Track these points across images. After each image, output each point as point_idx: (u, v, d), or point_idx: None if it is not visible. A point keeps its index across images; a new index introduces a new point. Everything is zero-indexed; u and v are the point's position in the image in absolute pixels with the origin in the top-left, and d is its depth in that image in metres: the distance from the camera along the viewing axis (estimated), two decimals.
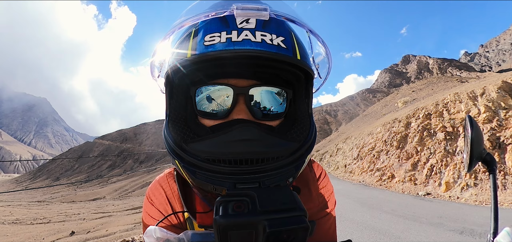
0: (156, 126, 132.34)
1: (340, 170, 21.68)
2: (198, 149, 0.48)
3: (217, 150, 0.47)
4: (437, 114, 14.10)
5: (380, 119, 31.67)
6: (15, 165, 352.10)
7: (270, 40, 0.47)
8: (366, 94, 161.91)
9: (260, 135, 0.48)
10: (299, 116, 0.57)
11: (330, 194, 0.74)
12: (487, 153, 0.67)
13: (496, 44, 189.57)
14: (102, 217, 15.60)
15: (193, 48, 0.48)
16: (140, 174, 58.62)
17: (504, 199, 8.41)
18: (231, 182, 0.46)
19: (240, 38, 0.46)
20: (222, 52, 0.45)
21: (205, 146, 0.48)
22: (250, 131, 0.47)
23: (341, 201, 9.18)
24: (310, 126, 0.56)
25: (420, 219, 6.54)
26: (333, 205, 0.74)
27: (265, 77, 0.54)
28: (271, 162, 0.48)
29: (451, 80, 57.85)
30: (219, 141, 0.47)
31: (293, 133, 0.54)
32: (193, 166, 0.49)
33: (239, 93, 0.52)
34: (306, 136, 0.55)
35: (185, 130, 0.52)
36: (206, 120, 0.53)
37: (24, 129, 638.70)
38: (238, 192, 0.42)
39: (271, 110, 0.54)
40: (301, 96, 0.58)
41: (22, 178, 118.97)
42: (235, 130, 0.47)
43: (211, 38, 0.47)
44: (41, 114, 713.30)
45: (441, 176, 11.30)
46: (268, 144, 0.48)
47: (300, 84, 0.57)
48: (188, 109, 0.55)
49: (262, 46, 0.46)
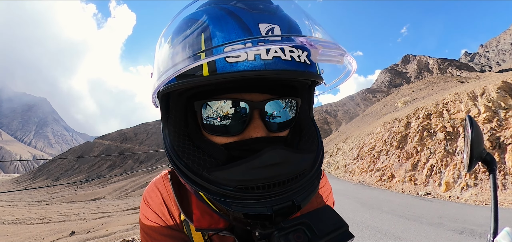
0: (156, 126, 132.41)
1: (340, 170, 21.69)
2: (227, 178, 0.45)
3: (251, 177, 0.44)
4: (437, 114, 14.10)
5: (380, 119, 31.68)
6: (15, 165, 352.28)
7: (297, 57, 0.44)
8: (366, 94, 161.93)
9: (287, 155, 0.46)
10: (304, 123, 0.57)
11: (329, 194, 0.75)
12: (487, 153, 0.67)
13: (496, 44, 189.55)
14: (102, 217, 15.60)
15: (211, 65, 0.41)
16: (140, 174, 58.64)
17: (504, 199, 8.41)
18: (268, 206, 0.44)
19: (270, 56, 0.41)
20: (251, 73, 0.40)
21: (235, 175, 0.45)
22: (279, 154, 0.45)
23: (341, 201, 9.18)
24: (316, 132, 0.57)
25: (420, 219, 6.54)
26: (332, 204, 0.75)
27: (279, 89, 0.52)
28: (299, 179, 0.48)
29: (451, 80, 57.87)
30: (252, 167, 0.44)
31: (306, 142, 0.55)
32: (225, 197, 0.45)
33: (255, 107, 0.49)
34: (317, 144, 0.55)
35: (199, 154, 0.48)
36: (216, 137, 0.50)
37: (24, 129, 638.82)
38: (293, 223, 0.43)
39: (284, 123, 0.53)
40: (304, 102, 0.58)
41: (22, 178, 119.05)
42: (266, 155, 0.44)
43: (234, 51, 0.39)
44: (41, 114, 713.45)
45: (441, 176, 11.31)
46: (296, 162, 0.47)
47: (305, 91, 0.57)
48: (189, 124, 0.51)
49: (292, 66, 0.43)
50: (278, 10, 0.48)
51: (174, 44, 0.46)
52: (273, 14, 0.46)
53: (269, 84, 0.51)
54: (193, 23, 0.45)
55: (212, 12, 0.45)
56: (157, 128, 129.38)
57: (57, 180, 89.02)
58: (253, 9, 0.45)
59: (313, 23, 0.51)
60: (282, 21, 0.46)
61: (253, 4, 0.46)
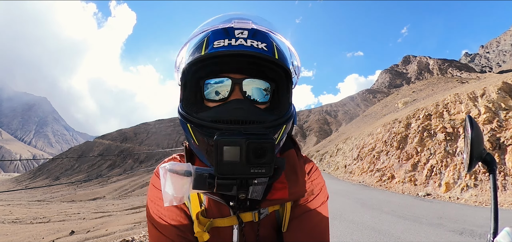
0: (156, 125, 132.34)
1: (340, 171, 21.68)
2: (205, 116, 0.67)
3: (219, 115, 0.66)
4: (437, 114, 14.10)
5: (380, 120, 31.67)
6: (15, 164, 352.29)
7: (256, 45, 0.68)
8: (366, 95, 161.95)
9: (249, 106, 0.67)
10: (281, 102, 0.74)
11: (322, 187, 0.81)
12: (487, 153, 0.67)
13: (496, 44, 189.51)
14: (102, 217, 15.59)
15: (205, 49, 0.68)
16: (140, 174, 58.62)
17: (504, 199, 8.41)
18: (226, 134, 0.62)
19: (237, 43, 0.67)
20: (224, 51, 0.66)
21: (210, 114, 0.67)
22: (242, 103, 0.67)
23: (341, 201, 9.17)
24: (288, 109, 0.74)
25: (420, 220, 6.55)
26: (325, 198, 0.82)
27: (254, 73, 0.71)
28: (256, 125, 0.66)
29: (452, 80, 57.83)
30: (221, 108, 0.67)
31: (276, 111, 0.72)
32: (200, 127, 0.66)
33: (236, 83, 0.70)
34: (285, 113, 0.72)
35: (195, 106, 0.71)
36: (210, 103, 0.71)
37: (24, 129, 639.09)
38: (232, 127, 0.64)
39: (258, 100, 0.71)
40: (283, 91, 0.75)
41: (22, 177, 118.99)
42: (232, 102, 0.68)
43: (218, 43, 0.67)
44: (41, 113, 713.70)
45: (441, 177, 11.30)
46: (255, 111, 0.68)
47: (282, 81, 0.75)
48: (197, 96, 0.73)
49: (251, 48, 0.67)
50: (252, 22, 0.72)
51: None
52: (247, 24, 0.70)
53: (248, 68, 0.71)
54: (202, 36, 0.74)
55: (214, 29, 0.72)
56: (157, 128, 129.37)
57: (57, 180, 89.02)
58: (236, 24, 0.71)
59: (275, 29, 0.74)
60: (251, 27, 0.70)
61: (238, 22, 0.71)
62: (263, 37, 0.70)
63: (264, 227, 0.74)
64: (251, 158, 0.55)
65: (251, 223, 0.73)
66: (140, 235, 7.48)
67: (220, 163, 0.55)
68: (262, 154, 0.55)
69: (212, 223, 0.71)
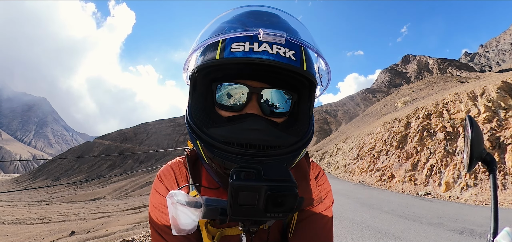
0: (156, 126, 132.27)
1: (340, 170, 21.69)
2: (216, 134, 0.60)
3: (232, 135, 0.58)
4: (437, 114, 14.10)
5: (380, 119, 31.67)
6: (15, 165, 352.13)
7: (283, 53, 0.57)
8: (366, 94, 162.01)
9: (266, 127, 0.59)
10: (301, 116, 0.67)
11: (328, 192, 0.80)
12: (487, 153, 0.67)
13: (496, 44, 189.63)
14: (102, 217, 15.59)
15: (221, 52, 0.58)
16: (140, 174, 58.59)
17: (504, 199, 8.41)
18: (241, 161, 0.57)
19: (260, 49, 0.56)
20: (244, 59, 0.56)
21: (222, 132, 0.59)
22: (259, 123, 0.58)
23: (341, 201, 9.18)
24: (309, 126, 0.67)
25: (420, 219, 6.55)
26: (330, 202, 0.80)
27: (276, 81, 0.64)
28: (273, 150, 0.59)
29: (451, 80, 57.85)
30: (234, 128, 0.59)
31: (295, 129, 0.65)
32: (211, 146, 0.60)
33: (253, 92, 0.62)
34: (304, 133, 0.65)
35: (205, 117, 0.63)
36: (223, 112, 0.64)
37: (24, 129, 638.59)
38: (248, 165, 0.52)
39: (277, 108, 0.64)
40: (305, 100, 0.68)
41: (22, 178, 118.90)
42: (248, 121, 0.59)
43: (237, 46, 0.57)
44: (41, 113, 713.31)
45: (441, 176, 11.31)
46: (273, 134, 0.60)
47: (305, 90, 0.67)
48: (208, 101, 0.65)
49: (277, 58, 0.57)
50: (280, 20, 0.64)
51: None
52: (275, 24, 0.62)
53: (268, 76, 0.62)
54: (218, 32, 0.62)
55: (230, 22, 0.63)
56: (157, 128, 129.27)
57: (57, 180, 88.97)
58: (259, 20, 0.62)
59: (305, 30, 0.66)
60: (280, 27, 0.61)
61: (260, 16, 0.63)
62: (291, 42, 0.60)
63: (271, 233, 0.73)
64: (270, 206, 0.49)
65: (260, 230, 0.70)
66: (140, 235, 7.48)
67: (234, 206, 0.50)
68: (282, 203, 0.50)
69: (222, 233, 0.68)
